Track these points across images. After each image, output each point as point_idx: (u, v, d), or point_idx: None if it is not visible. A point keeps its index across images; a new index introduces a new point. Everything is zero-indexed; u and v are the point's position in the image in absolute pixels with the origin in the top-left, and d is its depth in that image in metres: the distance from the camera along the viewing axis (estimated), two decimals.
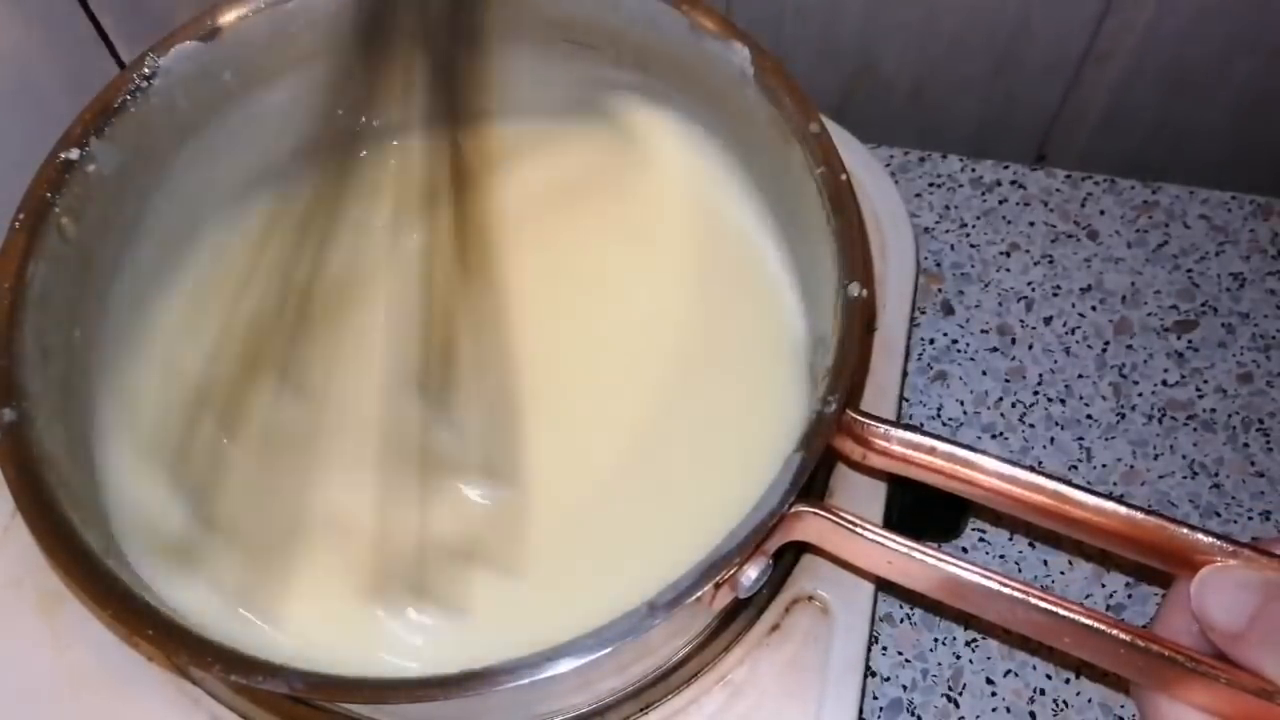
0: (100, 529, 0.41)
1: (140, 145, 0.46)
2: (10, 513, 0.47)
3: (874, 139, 0.65)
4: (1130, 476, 0.57)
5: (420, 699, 0.34)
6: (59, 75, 0.50)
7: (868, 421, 0.38)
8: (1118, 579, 0.55)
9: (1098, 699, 0.52)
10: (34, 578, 0.47)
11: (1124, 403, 0.59)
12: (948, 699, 0.52)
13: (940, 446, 0.37)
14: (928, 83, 0.70)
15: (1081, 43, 0.65)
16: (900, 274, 0.54)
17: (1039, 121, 0.71)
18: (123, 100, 0.45)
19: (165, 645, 0.35)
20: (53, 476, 0.39)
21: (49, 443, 0.40)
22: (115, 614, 0.36)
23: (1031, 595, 0.34)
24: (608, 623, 0.34)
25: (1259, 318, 0.61)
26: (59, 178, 0.43)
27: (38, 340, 0.41)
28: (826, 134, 0.42)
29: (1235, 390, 0.59)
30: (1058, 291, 0.62)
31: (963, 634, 0.54)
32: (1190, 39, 0.63)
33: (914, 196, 0.66)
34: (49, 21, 0.50)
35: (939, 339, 0.61)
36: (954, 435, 0.59)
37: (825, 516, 0.37)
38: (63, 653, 0.46)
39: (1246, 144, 0.70)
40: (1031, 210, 0.65)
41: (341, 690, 0.35)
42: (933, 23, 0.66)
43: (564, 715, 0.44)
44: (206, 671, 0.35)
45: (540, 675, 0.33)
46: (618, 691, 0.44)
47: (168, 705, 0.45)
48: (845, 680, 0.45)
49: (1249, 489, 0.57)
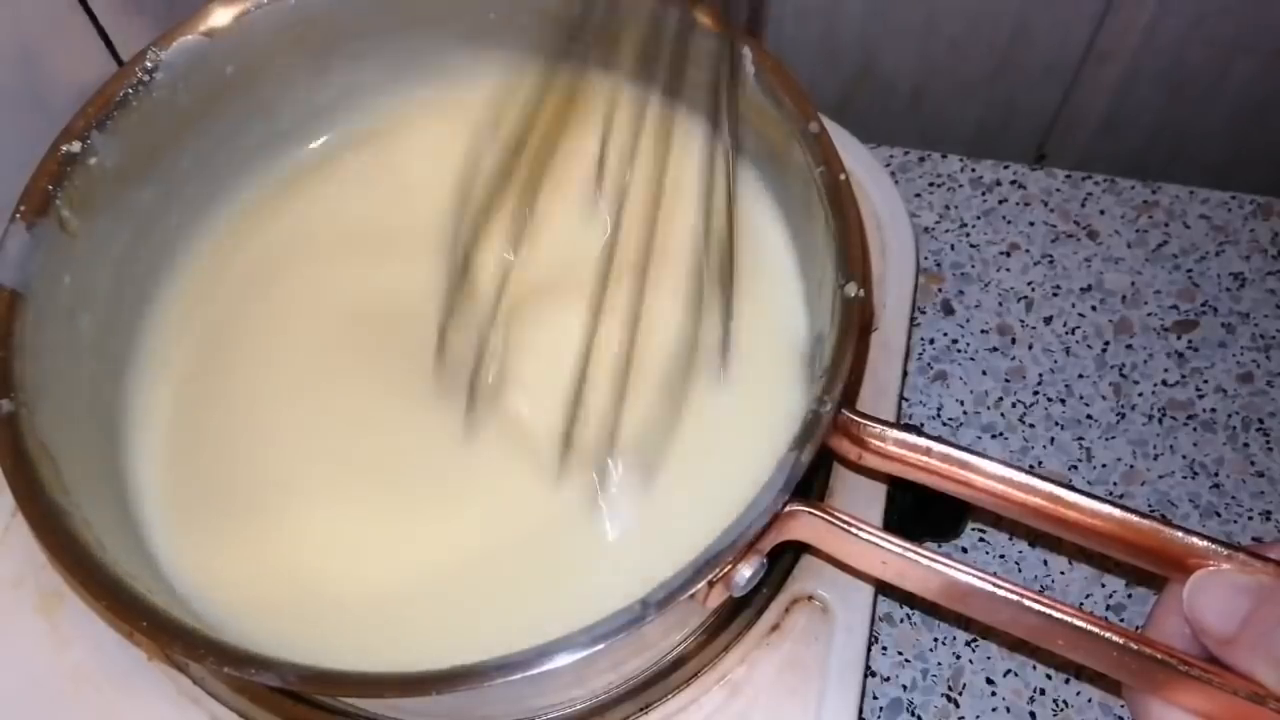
0: (111, 514, 0.41)
1: (141, 139, 0.46)
2: (10, 512, 0.47)
3: (874, 139, 0.65)
4: (1130, 476, 0.57)
5: (413, 693, 0.34)
6: (59, 75, 0.50)
7: (864, 422, 0.38)
8: (1117, 579, 0.55)
9: (1098, 699, 0.52)
10: (34, 577, 0.47)
11: (1124, 403, 0.59)
12: (948, 699, 0.52)
13: (936, 447, 0.37)
14: (928, 83, 0.70)
15: (1081, 43, 0.65)
16: (900, 274, 0.54)
17: (1039, 121, 0.71)
18: (125, 94, 0.45)
19: (159, 638, 0.36)
20: (51, 467, 0.39)
21: (50, 433, 0.40)
22: (109, 606, 0.36)
23: (1025, 597, 0.34)
24: (601, 619, 0.34)
25: (1259, 318, 0.61)
26: (60, 170, 0.43)
27: (40, 333, 0.41)
28: (826, 134, 0.43)
29: (1235, 390, 0.59)
30: (1058, 291, 0.62)
31: (963, 634, 0.54)
32: (1190, 40, 0.63)
33: (914, 196, 0.66)
34: (49, 21, 0.50)
35: (939, 339, 0.61)
36: (954, 435, 0.59)
37: (821, 516, 0.37)
38: (63, 651, 0.46)
39: (1246, 144, 0.70)
40: (1031, 210, 0.65)
41: (334, 683, 0.35)
42: (933, 23, 0.66)
43: (562, 712, 0.44)
44: (199, 663, 0.35)
45: (534, 671, 0.33)
46: (615, 687, 0.44)
47: (168, 704, 0.45)
48: (845, 680, 0.45)
49: (1249, 489, 0.57)
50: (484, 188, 0.46)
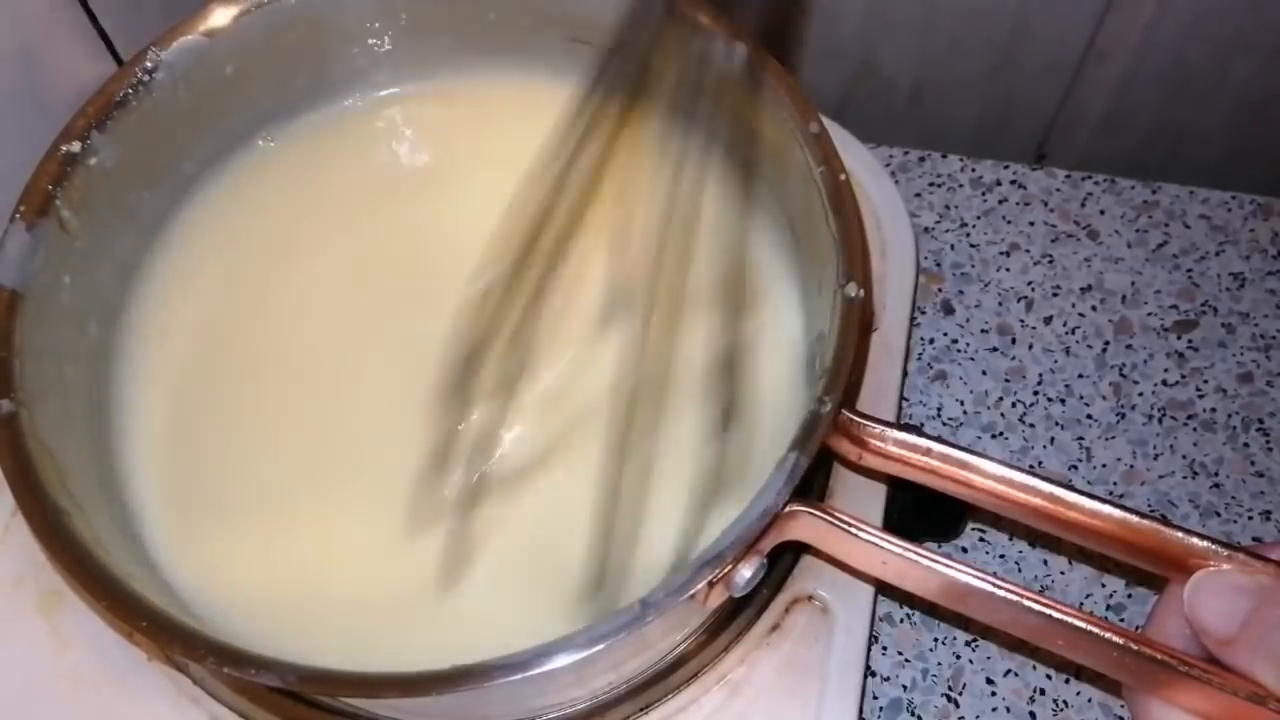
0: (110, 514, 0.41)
1: (141, 139, 0.46)
2: (10, 512, 0.47)
3: (874, 139, 0.65)
4: (1130, 476, 0.57)
5: (413, 693, 0.34)
6: (59, 75, 0.50)
7: (864, 422, 0.38)
8: (1117, 579, 0.55)
9: (1098, 699, 0.52)
10: (34, 577, 0.47)
11: (1124, 403, 0.59)
12: (948, 699, 0.52)
13: (936, 448, 0.37)
14: (928, 83, 0.70)
15: (1081, 43, 0.65)
16: (900, 274, 0.54)
17: (1039, 121, 0.71)
18: (125, 94, 0.45)
19: (159, 638, 0.35)
20: (51, 466, 0.39)
21: (49, 433, 0.40)
22: (109, 606, 0.36)
23: (1025, 598, 0.34)
24: (601, 620, 0.34)
25: (1259, 318, 0.61)
26: (60, 170, 0.43)
27: (40, 333, 0.41)
28: (826, 134, 0.43)
29: (1235, 390, 0.59)
30: (1058, 291, 0.62)
31: (963, 634, 0.54)
32: (1190, 39, 0.63)
33: (914, 196, 0.66)
34: (49, 21, 0.50)
35: (939, 339, 0.61)
36: (954, 435, 0.59)
37: (820, 516, 0.37)
38: (63, 652, 0.46)
39: (1246, 144, 0.70)
40: (1031, 210, 0.65)
41: (334, 683, 0.35)
42: (933, 22, 0.66)
43: (562, 712, 0.44)
44: (199, 663, 0.35)
45: (534, 671, 0.33)
46: (615, 687, 0.44)
47: (168, 704, 0.45)
48: (845, 680, 0.45)
49: (1249, 489, 0.57)
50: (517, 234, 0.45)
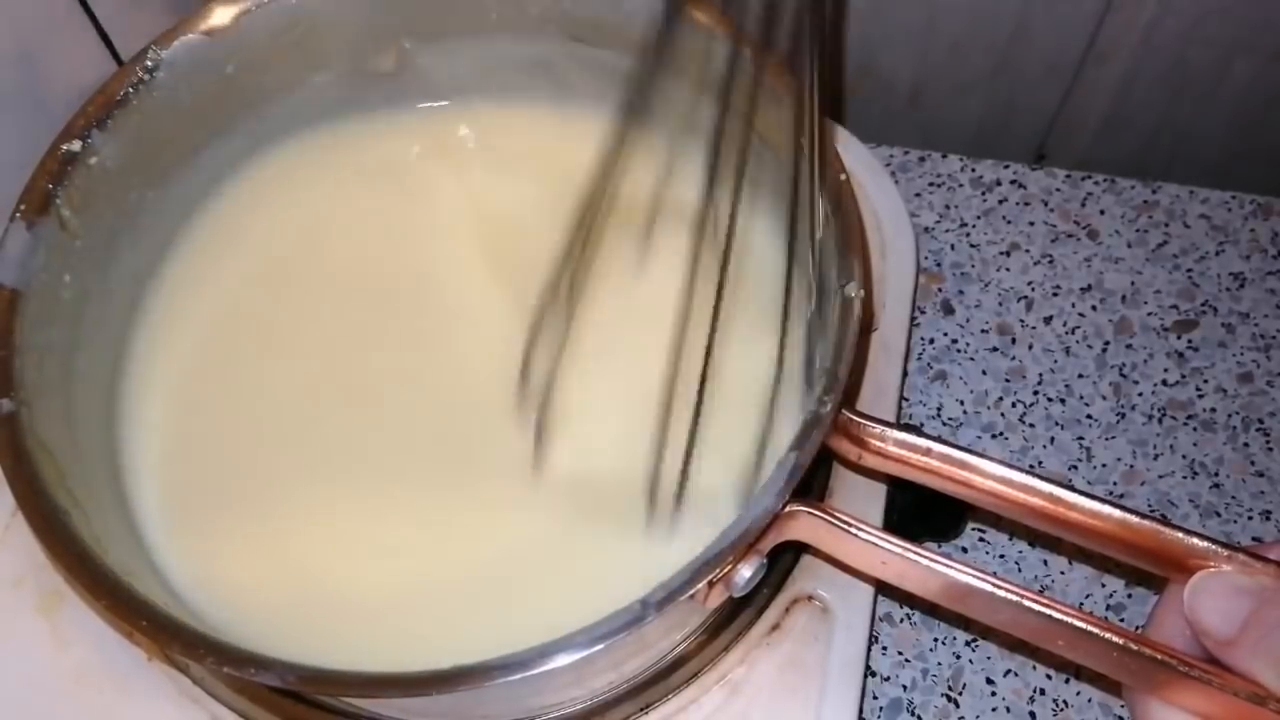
0: (111, 514, 0.41)
1: (142, 138, 0.46)
2: (11, 512, 0.47)
3: (874, 139, 0.65)
4: (1130, 476, 0.57)
5: (413, 692, 0.34)
6: (59, 75, 0.50)
7: (864, 422, 0.38)
8: (1117, 579, 0.55)
9: (1098, 699, 0.52)
10: (34, 577, 0.47)
11: (1124, 403, 0.59)
12: (948, 699, 0.52)
13: (936, 448, 0.37)
14: (928, 82, 0.70)
15: (1081, 43, 0.65)
16: (900, 274, 0.54)
17: (1039, 121, 0.71)
18: (125, 93, 0.45)
19: (159, 638, 0.35)
20: (51, 465, 0.39)
21: (50, 432, 0.40)
22: (109, 606, 0.36)
23: (1025, 598, 0.34)
24: (601, 620, 0.34)
25: (1259, 317, 0.61)
26: (60, 170, 0.43)
27: (40, 332, 0.41)
28: (827, 134, 0.42)
29: (1235, 390, 0.59)
30: (1058, 291, 0.62)
31: (963, 634, 0.54)
32: (1190, 39, 0.63)
33: (914, 196, 0.66)
34: (49, 21, 0.50)
35: (939, 339, 0.61)
36: (954, 435, 0.59)
37: (820, 516, 0.37)
38: (63, 651, 0.46)
39: (1246, 144, 0.70)
40: (1031, 210, 0.65)
41: (334, 683, 0.35)
42: (933, 23, 0.66)
43: (562, 712, 0.44)
44: (199, 663, 0.35)
45: (534, 671, 0.33)
46: (615, 687, 0.44)
47: (168, 704, 0.45)
48: (845, 680, 0.45)
49: (1249, 489, 0.57)
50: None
